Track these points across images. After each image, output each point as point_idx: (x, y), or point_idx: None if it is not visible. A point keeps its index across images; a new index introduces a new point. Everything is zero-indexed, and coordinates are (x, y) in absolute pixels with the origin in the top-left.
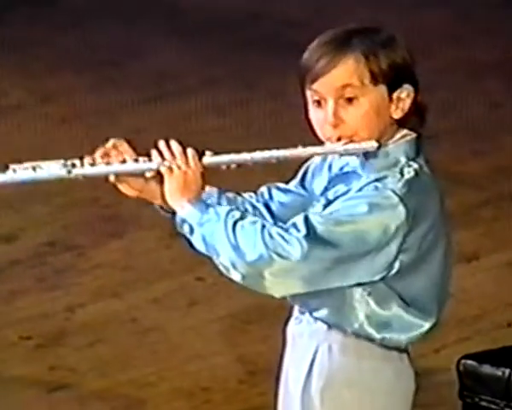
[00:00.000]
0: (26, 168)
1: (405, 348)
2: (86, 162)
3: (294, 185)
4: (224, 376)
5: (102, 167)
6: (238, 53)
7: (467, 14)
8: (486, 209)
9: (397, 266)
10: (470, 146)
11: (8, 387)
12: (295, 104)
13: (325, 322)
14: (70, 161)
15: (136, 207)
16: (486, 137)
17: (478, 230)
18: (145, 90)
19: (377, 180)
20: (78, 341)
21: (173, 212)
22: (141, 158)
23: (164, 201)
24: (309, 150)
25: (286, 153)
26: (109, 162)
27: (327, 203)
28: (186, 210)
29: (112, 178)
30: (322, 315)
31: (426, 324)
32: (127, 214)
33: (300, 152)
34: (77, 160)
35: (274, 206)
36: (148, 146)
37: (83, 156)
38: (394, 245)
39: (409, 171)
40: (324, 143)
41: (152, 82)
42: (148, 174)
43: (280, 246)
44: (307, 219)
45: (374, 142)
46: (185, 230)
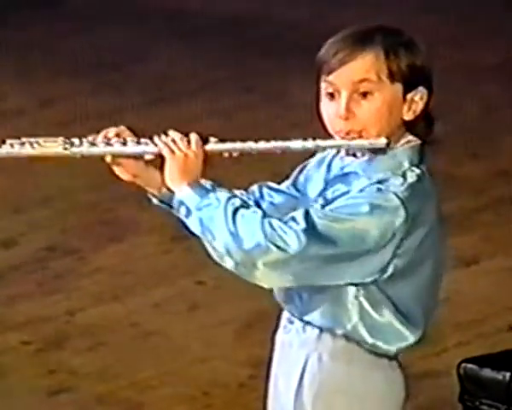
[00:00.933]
0: (23, 143)
1: (395, 356)
2: (85, 141)
3: (286, 186)
4: (225, 380)
5: (102, 147)
6: (239, 56)
7: (467, 17)
8: (486, 213)
9: (390, 271)
10: (469, 149)
11: (8, 391)
12: (297, 107)
13: (316, 326)
14: (69, 140)
15: (135, 211)
16: (486, 140)
17: (477, 234)
18: (146, 93)
19: (380, 182)
20: (78, 345)
21: (164, 201)
22: (142, 140)
23: (164, 185)
24: (316, 143)
25: (292, 144)
26: (109, 143)
27: (325, 203)
28: (184, 192)
29: (108, 158)
30: (314, 317)
31: (413, 334)
32: (127, 219)
33: (307, 144)
34: (76, 139)
35: (264, 205)
36: None
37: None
38: (390, 248)
39: (412, 175)
40: (333, 137)
41: (153, 85)
42: (148, 157)
43: (279, 237)
44: (307, 213)
45: (383, 138)
46: (182, 212)
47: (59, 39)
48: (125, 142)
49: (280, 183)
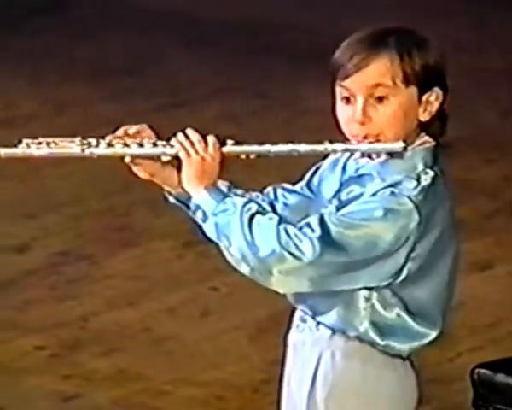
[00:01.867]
0: (40, 143)
1: (408, 356)
2: (102, 142)
3: (300, 187)
4: (239, 385)
5: (119, 149)
6: (252, 62)
7: (481, 22)
8: (499, 218)
9: (404, 274)
10: (483, 154)
11: (23, 397)
12: (309, 112)
13: (329, 327)
14: (86, 140)
15: (149, 216)
16: (500, 145)
17: (491, 238)
18: (159, 99)
19: (393, 185)
20: (92, 350)
21: (180, 200)
22: (159, 142)
23: (181, 186)
24: (334, 146)
25: (309, 148)
26: (127, 144)
27: (339, 205)
28: (201, 196)
29: (127, 159)
30: (326, 319)
31: (430, 334)
32: (140, 224)
33: (324, 148)
34: (93, 139)
35: (279, 206)
36: None
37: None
38: (404, 252)
39: (425, 178)
40: (349, 141)
41: (166, 91)
42: (165, 159)
43: (294, 245)
44: (322, 219)
45: (401, 142)
46: (198, 216)
47: (72, 45)
48: (142, 144)
49: (294, 184)
